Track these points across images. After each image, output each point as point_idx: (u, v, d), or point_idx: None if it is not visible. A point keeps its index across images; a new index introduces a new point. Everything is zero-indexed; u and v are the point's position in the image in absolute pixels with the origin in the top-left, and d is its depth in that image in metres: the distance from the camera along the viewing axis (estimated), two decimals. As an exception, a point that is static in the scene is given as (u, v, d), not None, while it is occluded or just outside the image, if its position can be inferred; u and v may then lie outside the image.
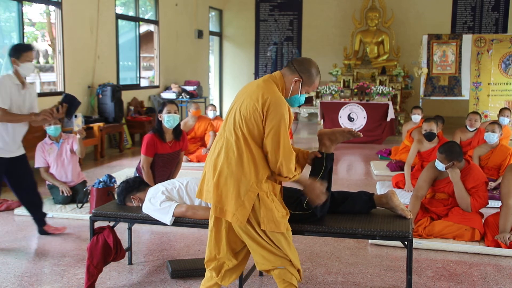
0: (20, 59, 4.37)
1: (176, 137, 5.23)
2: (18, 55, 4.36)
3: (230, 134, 2.96)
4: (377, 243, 4.51)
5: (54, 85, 8.94)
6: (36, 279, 3.82)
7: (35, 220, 4.78)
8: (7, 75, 4.36)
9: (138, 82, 11.42)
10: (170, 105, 5.11)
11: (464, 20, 13.92)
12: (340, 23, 14.46)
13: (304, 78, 3.07)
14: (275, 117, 2.89)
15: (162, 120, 5.11)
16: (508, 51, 11.28)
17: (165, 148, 5.12)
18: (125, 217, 3.70)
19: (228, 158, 2.93)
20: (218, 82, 15.78)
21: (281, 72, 3.10)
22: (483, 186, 4.66)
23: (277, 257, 2.97)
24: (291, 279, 2.99)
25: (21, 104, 4.42)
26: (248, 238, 2.97)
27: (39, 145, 5.81)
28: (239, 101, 3.00)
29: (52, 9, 8.70)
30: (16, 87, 4.37)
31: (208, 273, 3.11)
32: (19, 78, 4.40)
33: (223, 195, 2.93)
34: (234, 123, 2.95)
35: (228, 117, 3.04)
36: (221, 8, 15.34)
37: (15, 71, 4.40)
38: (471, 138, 7.20)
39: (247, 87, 3.08)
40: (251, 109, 2.90)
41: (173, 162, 5.31)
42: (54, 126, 5.71)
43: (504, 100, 11.30)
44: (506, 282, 3.82)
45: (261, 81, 3.05)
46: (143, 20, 11.68)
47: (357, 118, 10.85)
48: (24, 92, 4.46)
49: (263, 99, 2.90)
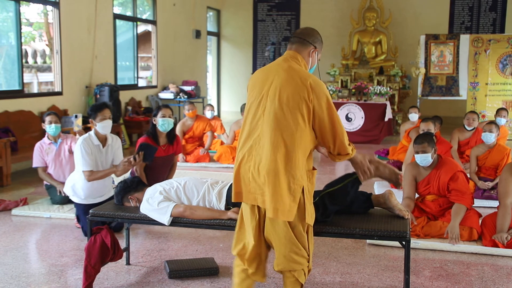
0: (96, 119, 4.66)
1: (169, 141, 5.28)
2: (94, 115, 4.66)
3: (270, 126, 2.80)
4: (375, 243, 4.52)
5: (51, 85, 8.93)
6: (34, 280, 3.81)
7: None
8: (87, 137, 4.65)
9: (135, 82, 11.41)
10: (165, 109, 5.18)
11: (461, 20, 13.94)
12: (338, 23, 14.47)
13: (318, 47, 3.05)
14: (322, 97, 2.83)
15: (156, 123, 5.17)
16: (505, 51, 11.31)
17: (159, 152, 5.13)
18: (123, 217, 3.70)
19: (275, 152, 2.77)
20: (216, 82, 15.77)
21: (294, 51, 3.01)
22: (461, 175, 4.67)
23: (299, 257, 2.92)
24: (302, 279, 2.98)
25: (103, 160, 4.71)
26: (285, 231, 2.87)
27: (37, 145, 5.80)
28: (271, 91, 2.85)
29: (50, 9, 8.69)
30: (97, 147, 4.66)
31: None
32: (98, 138, 4.69)
33: (277, 193, 2.77)
34: (276, 114, 2.80)
35: (257, 110, 2.88)
36: (219, 8, 15.34)
37: (94, 131, 4.70)
38: (469, 138, 7.22)
39: (270, 74, 2.92)
40: (296, 96, 2.79)
41: (167, 165, 5.33)
42: (54, 125, 5.70)
43: (501, 100, 11.32)
44: (504, 281, 3.83)
45: (287, 65, 2.91)
46: (140, 20, 11.67)
47: (355, 118, 10.86)
48: (106, 149, 4.74)
49: (304, 83, 2.80)
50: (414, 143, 4.77)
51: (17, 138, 7.10)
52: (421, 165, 4.77)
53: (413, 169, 4.86)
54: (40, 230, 5.00)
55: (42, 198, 5.97)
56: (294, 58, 2.97)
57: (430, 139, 4.72)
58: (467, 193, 4.65)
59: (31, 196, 6.10)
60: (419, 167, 4.82)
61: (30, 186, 6.64)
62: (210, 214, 3.51)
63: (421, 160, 4.71)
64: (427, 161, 4.70)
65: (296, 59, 2.97)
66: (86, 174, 4.58)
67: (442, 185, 4.70)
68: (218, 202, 3.58)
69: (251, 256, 2.98)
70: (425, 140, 4.68)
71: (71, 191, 4.79)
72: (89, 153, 4.57)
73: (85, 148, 4.57)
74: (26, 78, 8.72)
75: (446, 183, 4.67)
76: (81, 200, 4.75)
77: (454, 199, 4.62)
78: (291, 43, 3.05)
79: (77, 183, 4.72)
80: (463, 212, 4.54)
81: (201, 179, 3.79)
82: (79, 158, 4.59)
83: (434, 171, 4.75)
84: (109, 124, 4.72)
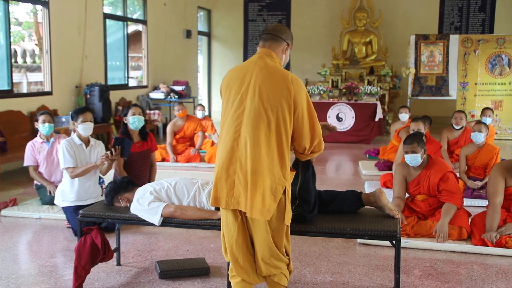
0: (78, 121, 4.85)
1: (143, 138, 5.48)
2: (76, 117, 4.87)
3: (252, 125, 2.74)
4: (366, 243, 4.53)
5: (41, 85, 8.87)
6: (23, 281, 3.79)
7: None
8: (70, 139, 4.88)
9: (126, 82, 11.37)
10: (134, 108, 5.38)
11: (451, 20, 14.02)
12: (329, 23, 14.50)
13: (290, 44, 3.02)
14: (302, 94, 2.80)
15: (127, 122, 5.35)
16: (494, 51, 11.39)
17: (134, 148, 5.30)
18: (113, 217, 3.68)
19: (255, 152, 2.72)
20: (206, 82, 15.75)
21: (267, 48, 2.95)
22: (451, 176, 4.69)
23: (278, 261, 2.88)
24: (284, 282, 2.95)
25: (88, 160, 4.88)
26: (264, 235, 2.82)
27: (29, 144, 5.77)
28: (250, 90, 2.79)
29: (39, 9, 8.63)
30: (80, 147, 4.87)
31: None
32: (80, 138, 4.89)
33: (258, 192, 2.72)
34: (257, 112, 2.74)
35: (237, 110, 2.80)
36: (209, 8, 15.32)
37: (77, 133, 4.91)
38: (458, 137, 7.26)
39: (247, 72, 2.85)
40: (277, 93, 2.75)
41: (145, 162, 5.48)
42: (48, 124, 5.69)
43: (490, 100, 11.41)
44: (493, 280, 3.86)
45: (263, 63, 2.85)
46: (131, 20, 11.63)
47: (345, 118, 10.88)
48: (89, 150, 4.92)
49: (285, 81, 2.77)
50: (404, 143, 4.79)
51: (6, 138, 7.05)
52: (411, 165, 4.79)
53: (403, 169, 4.88)
54: (30, 231, 4.97)
55: (32, 198, 5.93)
56: (268, 55, 2.92)
57: (420, 139, 4.74)
58: (457, 193, 4.67)
59: (21, 196, 6.06)
60: (409, 167, 4.84)
61: (20, 187, 6.60)
62: (200, 214, 3.51)
63: (410, 160, 4.73)
64: (416, 161, 4.72)
65: (270, 56, 2.92)
66: (69, 171, 4.75)
67: (432, 185, 4.73)
68: (208, 202, 3.58)
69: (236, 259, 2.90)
70: (414, 140, 4.70)
71: (60, 197, 4.88)
72: (71, 153, 4.76)
73: (68, 148, 4.77)
74: (16, 78, 8.66)
75: (436, 183, 4.69)
76: (71, 203, 4.80)
77: (444, 199, 4.65)
78: (264, 40, 2.98)
79: (66, 187, 4.84)
80: (453, 211, 4.57)
81: (191, 180, 3.78)
82: (61, 157, 4.78)
83: (424, 171, 4.77)
84: (90, 126, 4.90)
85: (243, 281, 2.93)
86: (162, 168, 7.44)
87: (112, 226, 4.68)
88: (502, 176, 4.45)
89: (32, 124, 7.74)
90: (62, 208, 4.92)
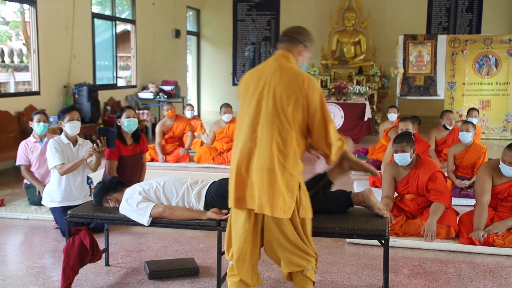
0: (64, 120, 4.85)
1: (135, 140, 5.43)
2: (63, 116, 4.87)
3: (268, 125, 2.81)
4: (354, 242, 4.55)
5: (29, 85, 8.80)
6: (11, 282, 3.76)
7: None
8: (57, 138, 4.88)
9: (115, 82, 11.32)
10: (128, 110, 5.33)
11: (439, 20, 14.12)
12: (318, 23, 14.52)
13: (308, 45, 3.07)
14: (316, 93, 2.85)
15: (121, 125, 5.30)
16: (481, 51, 11.48)
17: (128, 151, 5.29)
18: (102, 218, 3.67)
19: (270, 151, 2.79)
20: (195, 82, 15.72)
21: (284, 50, 3.02)
22: (440, 175, 4.73)
23: (307, 255, 2.93)
24: (313, 277, 2.99)
25: (76, 159, 4.82)
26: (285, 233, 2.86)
27: (22, 143, 5.74)
28: (266, 91, 2.86)
29: (27, 8, 8.56)
30: (68, 145, 4.86)
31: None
32: (68, 137, 4.89)
33: (275, 190, 2.78)
34: (273, 113, 2.81)
35: (254, 111, 2.86)
36: (198, 7, 15.30)
37: (64, 133, 4.91)
38: (446, 136, 7.30)
39: (263, 74, 2.91)
40: (291, 93, 2.81)
41: (137, 164, 5.46)
42: (43, 123, 5.66)
43: (478, 100, 11.50)
44: (480, 279, 3.89)
45: (278, 64, 2.92)
46: (119, 20, 11.58)
47: (334, 118, 10.90)
48: (77, 149, 4.92)
49: (298, 80, 2.83)
50: (393, 143, 4.81)
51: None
52: (400, 164, 4.81)
53: (392, 169, 4.90)
54: (18, 232, 4.93)
55: (20, 199, 5.89)
56: (284, 56, 2.99)
57: (409, 138, 4.77)
58: (446, 192, 4.71)
59: (8, 197, 6.01)
60: (398, 166, 4.87)
61: (7, 187, 6.54)
62: (189, 214, 3.50)
63: (400, 160, 4.76)
64: (405, 160, 4.74)
65: (286, 57, 2.99)
66: (58, 168, 4.71)
67: (421, 185, 4.75)
68: (197, 202, 3.57)
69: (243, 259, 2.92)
70: (404, 140, 4.72)
71: (47, 198, 4.84)
72: (59, 151, 4.74)
73: (55, 146, 4.76)
74: (3, 77, 8.59)
75: (425, 183, 4.72)
76: (58, 203, 4.76)
77: (433, 198, 4.68)
78: (281, 42, 3.06)
79: (53, 187, 4.80)
80: (441, 211, 4.60)
81: (180, 179, 3.78)
82: (49, 156, 4.75)
83: (413, 170, 4.79)
84: (77, 125, 4.88)
85: (241, 282, 2.95)
86: (151, 168, 7.41)
87: (100, 226, 4.66)
88: (489, 175, 4.49)
89: (20, 124, 7.68)
90: (50, 209, 4.89)
